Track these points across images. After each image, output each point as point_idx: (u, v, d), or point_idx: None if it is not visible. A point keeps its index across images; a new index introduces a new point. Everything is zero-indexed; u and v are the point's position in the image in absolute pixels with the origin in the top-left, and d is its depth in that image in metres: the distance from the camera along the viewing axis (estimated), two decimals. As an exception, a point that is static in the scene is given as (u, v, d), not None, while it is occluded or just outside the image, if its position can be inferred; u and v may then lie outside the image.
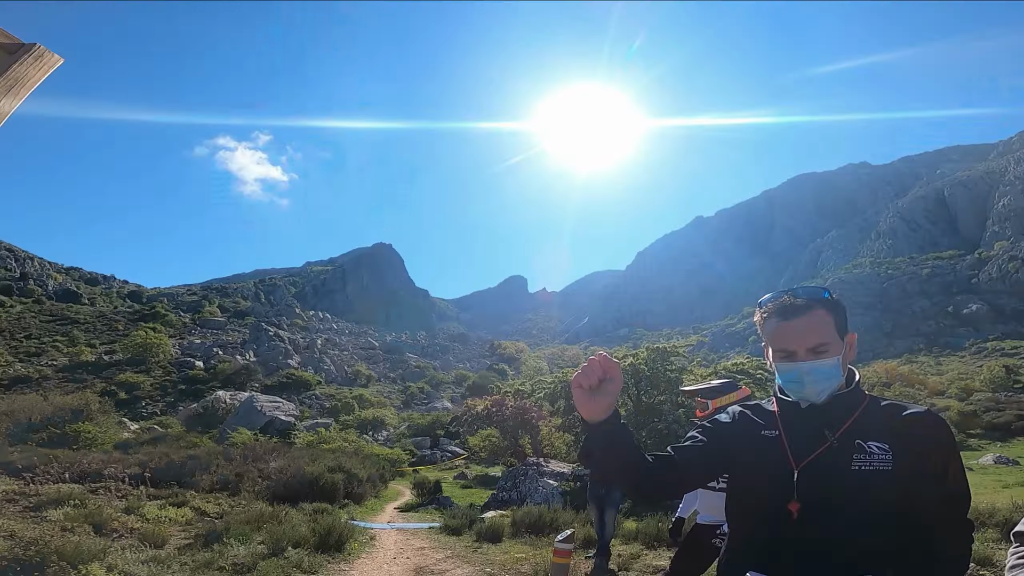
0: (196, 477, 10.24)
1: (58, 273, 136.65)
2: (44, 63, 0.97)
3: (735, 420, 1.44)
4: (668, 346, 17.54)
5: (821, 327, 1.30)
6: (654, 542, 6.96)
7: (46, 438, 24.31)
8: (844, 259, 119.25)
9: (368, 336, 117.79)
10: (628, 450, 1.26)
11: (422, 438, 37.24)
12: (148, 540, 5.61)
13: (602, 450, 1.26)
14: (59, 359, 70.61)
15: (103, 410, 31.43)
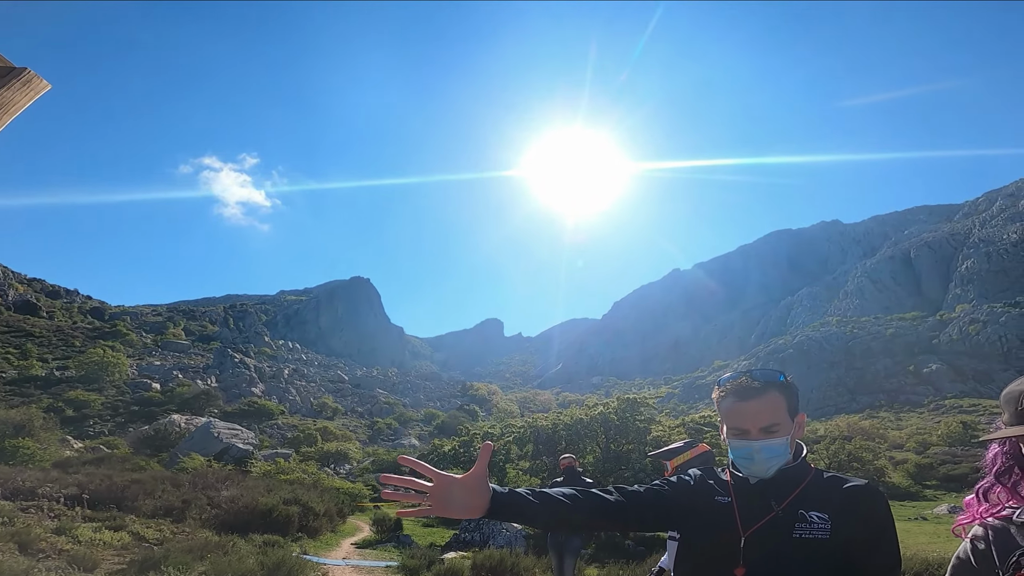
0: (138, 501, 9.55)
1: (20, 284, 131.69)
2: (31, 88, 0.96)
3: (695, 482, 1.54)
4: (638, 396, 17.68)
5: (774, 408, 1.40)
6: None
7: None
8: (813, 317, 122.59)
9: (338, 369, 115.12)
10: (547, 511, 1.32)
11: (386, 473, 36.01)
12: (77, 563, 5.12)
13: (527, 521, 1.34)
14: (8, 371, 67.52)
15: (46, 427, 29.73)
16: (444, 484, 1.25)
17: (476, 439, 22.65)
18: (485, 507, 1.24)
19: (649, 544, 12.16)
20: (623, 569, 7.25)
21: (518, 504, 1.29)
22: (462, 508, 1.24)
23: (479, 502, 1.23)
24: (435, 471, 1.26)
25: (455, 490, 1.24)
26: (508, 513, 1.28)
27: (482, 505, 1.24)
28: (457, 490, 1.24)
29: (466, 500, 1.23)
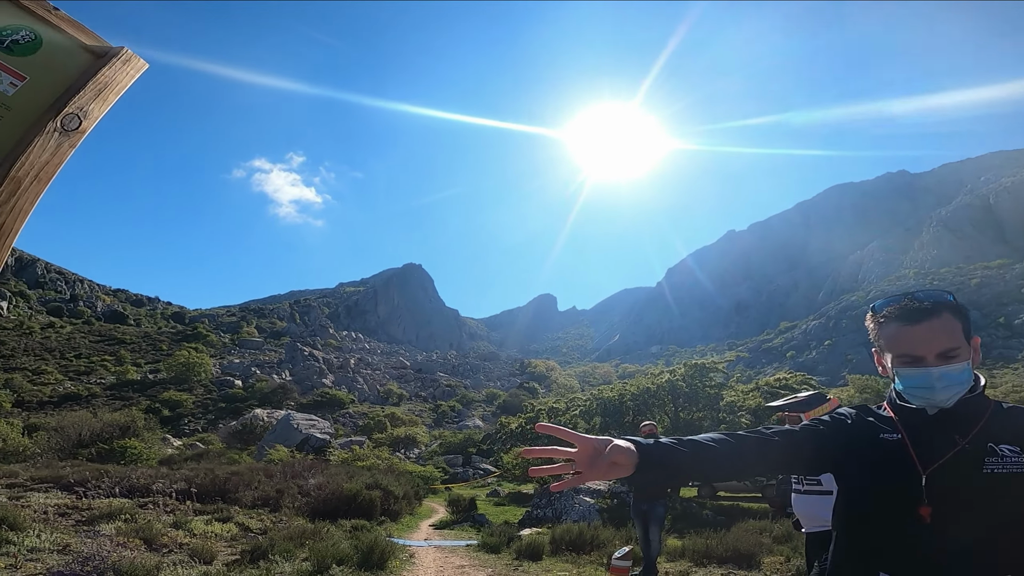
0: (239, 493, 10.42)
1: (106, 295, 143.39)
2: (131, 67, 0.96)
3: (853, 420, 1.40)
4: (706, 362, 17.12)
5: (950, 331, 1.27)
6: (703, 559, 6.73)
7: (95, 453, 25.19)
8: (887, 271, 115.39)
9: (399, 355, 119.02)
10: (699, 458, 1.23)
11: (454, 456, 37.13)
12: (197, 556, 5.71)
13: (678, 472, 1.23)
14: (107, 377, 73.54)
15: (148, 427, 32.47)
16: (588, 447, 1.16)
17: (541, 415, 22.69)
18: (634, 462, 1.14)
19: (729, 514, 12.03)
20: (710, 539, 7.25)
21: (668, 455, 1.19)
22: (611, 468, 1.13)
23: (627, 459, 1.13)
24: (576, 435, 1.18)
25: (600, 450, 1.15)
26: (658, 465, 1.17)
27: (631, 461, 1.14)
28: (603, 450, 1.15)
29: (615, 458, 1.13)
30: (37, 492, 9.58)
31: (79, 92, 0.82)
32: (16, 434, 27.50)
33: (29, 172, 0.79)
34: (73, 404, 55.12)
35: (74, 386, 65.91)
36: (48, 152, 0.81)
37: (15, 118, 0.79)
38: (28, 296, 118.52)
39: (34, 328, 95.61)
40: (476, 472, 32.33)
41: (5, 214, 0.78)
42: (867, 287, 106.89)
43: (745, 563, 6.40)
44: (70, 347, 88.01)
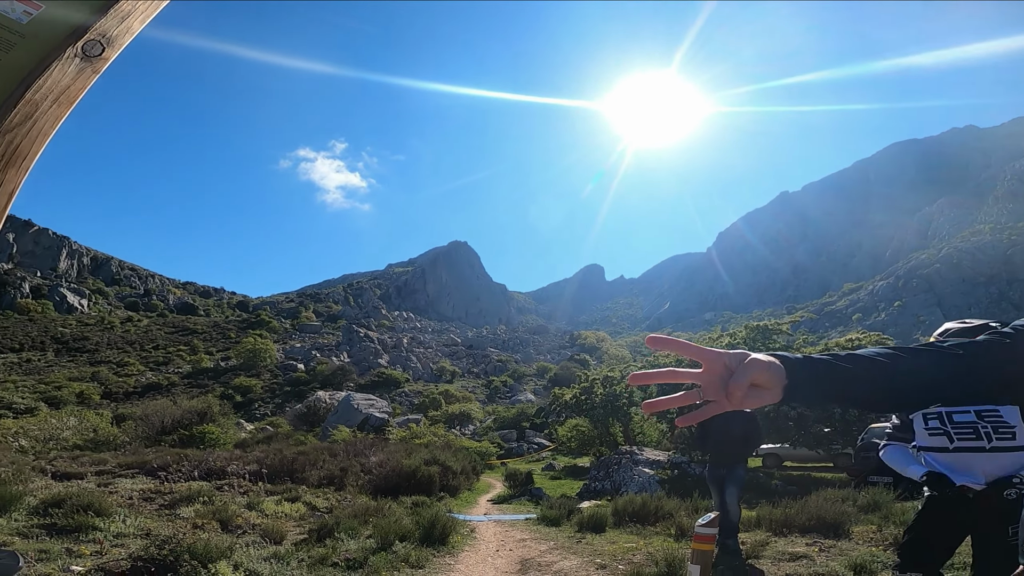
0: (306, 472, 10.89)
1: (176, 288, 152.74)
2: None
3: None
4: (768, 324, 16.30)
5: None
6: (782, 528, 6.44)
7: (177, 439, 27.06)
8: (958, 227, 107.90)
9: (450, 333, 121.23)
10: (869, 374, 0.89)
11: (508, 431, 37.70)
12: (268, 536, 5.96)
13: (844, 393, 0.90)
14: (183, 367, 78.67)
15: (223, 412, 34.64)
16: (718, 364, 0.85)
17: (596, 384, 22.28)
18: (781, 383, 0.84)
19: (800, 484, 11.57)
20: (784, 508, 6.93)
21: (826, 372, 0.87)
22: (752, 394, 0.83)
23: (772, 378, 0.83)
24: (699, 348, 0.86)
25: (733, 368, 0.84)
26: (813, 385, 0.86)
27: (777, 382, 0.83)
28: (736, 367, 0.84)
29: (756, 378, 0.82)
30: (124, 478, 10.32)
31: (101, 18, 0.82)
32: (106, 424, 29.87)
33: (48, 95, 0.80)
34: (155, 393, 59.39)
35: (155, 376, 70.94)
36: (68, 77, 0.82)
37: (31, 44, 0.79)
38: (106, 293, 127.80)
39: (114, 323, 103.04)
40: (531, 446, 32.73)
41: (22, 136, 0.79)
42: (938, 244, 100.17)
43: (832, 532, 6.07)
44: (148, 339, 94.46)
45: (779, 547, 5.78)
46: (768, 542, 6.00)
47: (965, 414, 2.67)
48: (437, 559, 5.75)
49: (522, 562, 5.91)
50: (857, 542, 5.75)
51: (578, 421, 23.42)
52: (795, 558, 5.25)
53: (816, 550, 5.53)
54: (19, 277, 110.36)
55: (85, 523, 5.49)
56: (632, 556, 5.82)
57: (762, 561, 5.37)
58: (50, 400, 53.63)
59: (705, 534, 3.64)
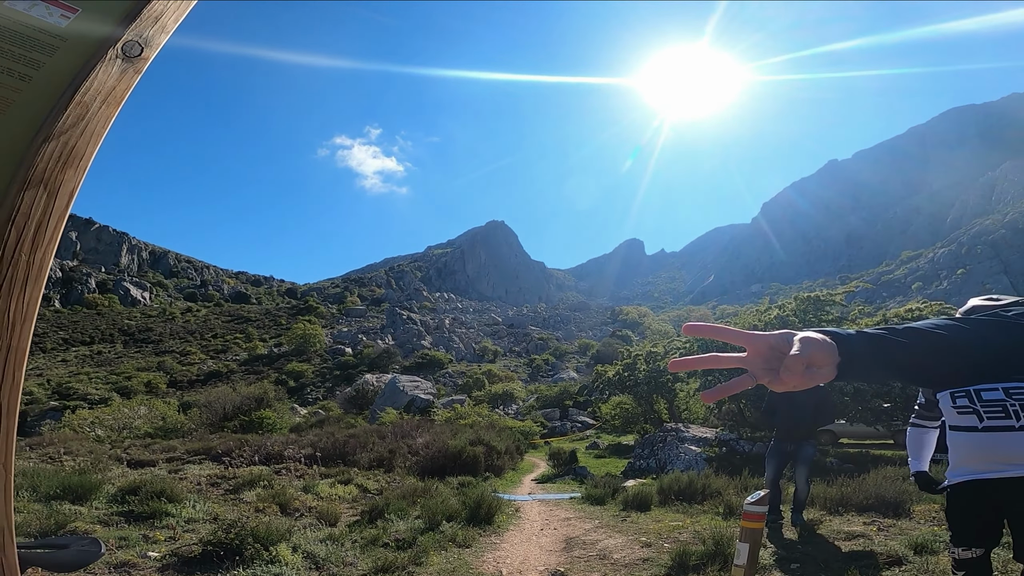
0: (356, 455, 11.35)
1: (229, 278, 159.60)
2: None
3: None
4: (822, 294, 15.62)
5: None
6: (837, 507, 6.29)
7: (238, 425, 28.56)
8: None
9: (491, 312, 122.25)
10: (931, 348, 0.85)
11: (551, 409, 37.99)
12: (324, 518, 6.29)
13: (903, 366, 0.85)
14: (240, 354, 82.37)
15: (278, 397, 36.32)
16: (762, 347, 0.82)
17: (639, 360, 21.89)
18: (834, 361, 0.80)
19: (857, 461, 11.21)
20: (840, 486, 6.78)
21: (882, 349, 0.83)
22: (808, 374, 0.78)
23: (826, 357, 0.79)
24: (741, 332, 0.83)
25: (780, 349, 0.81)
26: (871, 359, 0.82)
27: (830, 360, 0.79)
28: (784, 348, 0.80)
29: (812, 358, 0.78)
30: (192, 464, 11.03)
31: (135, 20, 0.85)
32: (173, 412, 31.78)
33: (96, 97, 0.83)
34: (216, 380, 62.54)
35: (215, 364, 74.68)
36: (113, 78, 0.85)
37: (73, 48, 0.82)
38: (166, 285, 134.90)
39: (175, 314, 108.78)
40: (574, 425, 32.91)
41: (76, 137, 0.82)
42: (1003, 209, 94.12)
43: (892, 511, 5.90)
44: (207, 328, 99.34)
45: (834, 526, 5.65)
46: (823, 521, 5.88)
47: (993, 391, 2.54)
48: (483, 538, 5.91)
49: (566, 540, 5.99)
50: (918, 521, 5.56)
51: (622, 399, 23.27)
52: (851, 537, 5.12)
53: (875, 529, 5.39)
54: (85, 273, 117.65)
55: (159, 509, 5.90)
56: (678, 534, 5.80)
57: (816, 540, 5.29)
58: (121, 390, 57.40)
59: (754, 512, 3.59)
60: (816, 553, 4.75)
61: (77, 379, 63.68)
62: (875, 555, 4.47)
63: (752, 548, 3.54)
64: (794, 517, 5.79)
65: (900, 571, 4.09)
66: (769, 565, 4.53)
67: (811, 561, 4.55)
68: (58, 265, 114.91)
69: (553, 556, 5.39)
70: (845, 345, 0.82)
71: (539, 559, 5.27)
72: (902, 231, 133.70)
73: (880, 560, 4.33)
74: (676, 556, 4.66)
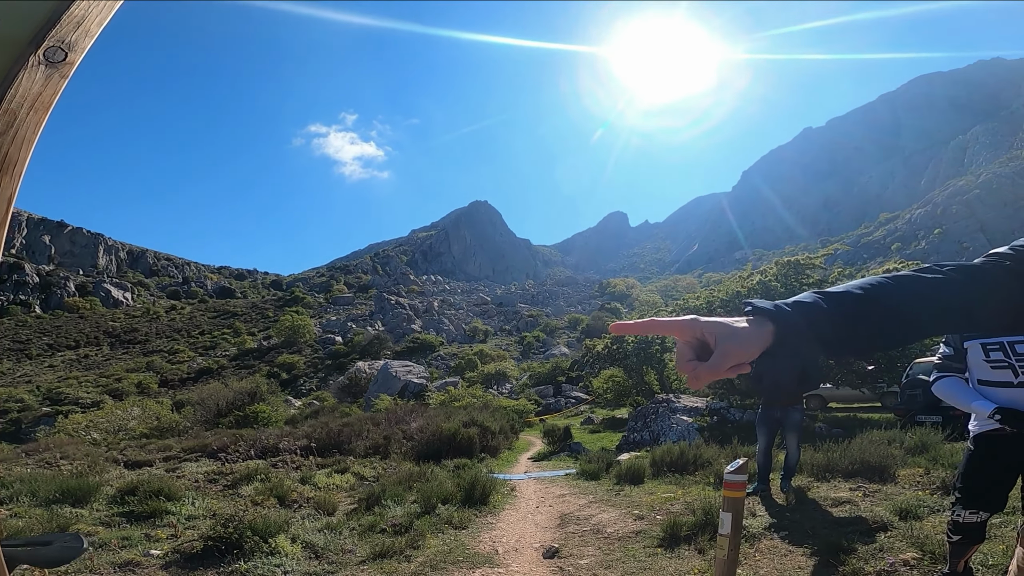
0: (352, 443, 11.46)
1: (212, 274, 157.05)
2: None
3: None
4: (800, 259, 15.82)
5: None
6: (824, 473, 6.37)
7: (233, 420, 28.47)
8: (996, 154, 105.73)
9: (479, 292, 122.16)
10: (869, 310, 0.82)
11: (544, 387, 38.35)
12: (321, 508, 6.38)
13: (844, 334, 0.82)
14: (230, 349, 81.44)
15: (271, 391, 36.20)
16: (693, 334, 0.82)
17: None
18: (769, 329, 0.80)
19: (845, 426, 11.43)
20: (825, 452, 6.76)
21: (817, 312, 0.81)
22: (741, 342, 0.79)
23: (751, 350, 0.79)
24: (664, 323, 0.84)
25: (711, 338, 0.81)
26: (808, 328, 0.80)
27: (765, 333, 0.80)
28: (714, 338, 0.80)
29: (727, 351, 0.79)
30: (189, 462, 11.05)
31: (56, 25, 0.86)
32: (166, 411, 31.55)
33: (23, 103, 0.84)
34: (207, 377, 61.86)
35: (205, 361, 73.86)
36: (38, 84, 0.85)
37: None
38: (147, 284, 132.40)
39: (160, 313, 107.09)
40: (568, 401, 33.35)
41: (8, 143, 0.84)
42: (976, 171, 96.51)
43: (877, 476, 6.01)
44: (193, 325, 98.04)
45: (821, 492, 5.78)
46: (810, 487, 5.99)
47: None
48: (479, 519, 6.04)
49: (561, 517, 6.12)
50: (903, 486, 5.68)
51: (612, 372, 23.64)
52: (838, 503, 5.25)
53: (860, 495, 5.50)
54: (63, 277, 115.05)
55: (159, 508, 5.95)
56: (670, 506, 5.94)
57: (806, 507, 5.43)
58: (113, 392, 56.68)
59: (734, 481, 3.67)
60: (804, 520, 4.89)
61: (67, 384, 62.76)
62: (863, 521, 4.58)
63: (735, 517, 3.62)
64: (783, 484, 5.89)
65: (886, 536, 4.19)
66: (758, 533, 4.64)
67: (799, 529, 4.68)
68: (34, 270, 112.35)
69: (548, 533, 5.54)
70: (781, 317, 0.81)
71: (534, 536, 5.42)
72: (878, 195, 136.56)
73: (867, 526, 4.45)
74: (667, 527, 4.79)
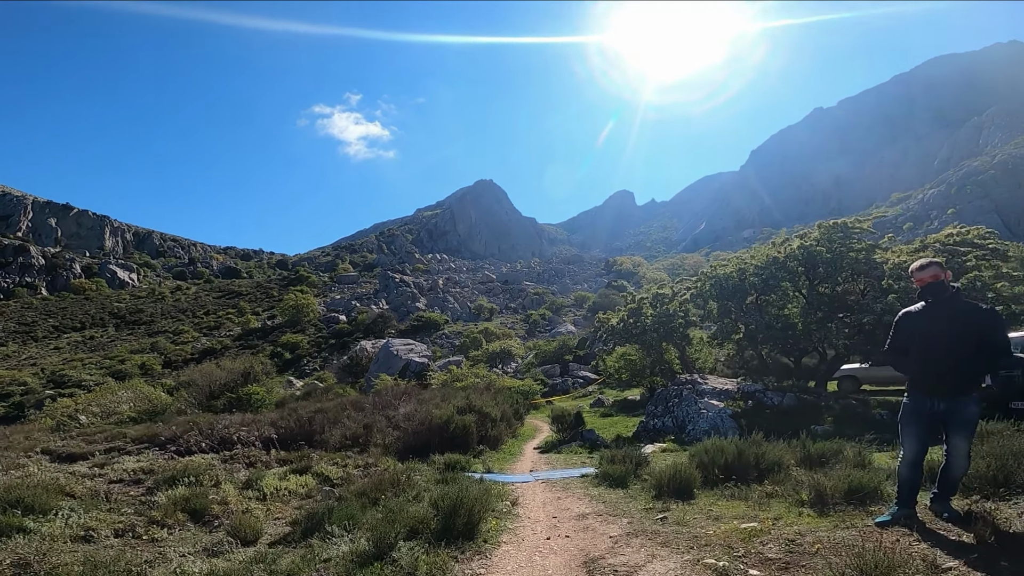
0: (325, 433, 9.64)
1: (218, 254, 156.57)
2: None
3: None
4: (849, 221, 13.82)
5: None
6: (992, 487, 4.13)
7: (225, 403, 26.80)
8: (1011, 135, 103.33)
9: (485, 270, 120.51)
10: None
11: (551, 366, 36.56)
12: (238, 534, 4.52)
13: None
14: (234, 329, 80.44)
15: (266, 371, 34.57)
16: None
17: (645, 305, 19.95)
18: None
19: None
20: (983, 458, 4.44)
21: None
22: None
23: None
24: None
25: None
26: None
27: None
28: None
29: None
30: (131, 455, 9.30)
31: None
32: (159, 394, 30.28)
33: None
34: (211, 358, 60.47)
35: (209, 341, 72.82)
36: None
37: None
38: (153, 265, 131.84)
39: (164, 293, 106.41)
40: (576, 381, 31.46)
41: None
42: (991, 151, 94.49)
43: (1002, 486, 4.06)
44: (198, 305, 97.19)
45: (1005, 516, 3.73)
46: (991, 511, 3.76)
47: None
48: (461, 566, 4.02)
49: (586, 563, 4.06)
50: None
51: (626, 349, 21.55)
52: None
53: None
54: (68, 259, 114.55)
55: (10, 524, 4.24)
56: (761, 546, 3.80)
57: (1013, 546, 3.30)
58: (116, 374, 55.62)
59: None
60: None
61: (71, 366, 61.96)
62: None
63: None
64: (940, 506, 3.86)
65: None
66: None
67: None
68: (40, 252, 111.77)
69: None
70: None
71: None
72: (891, 175, 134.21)
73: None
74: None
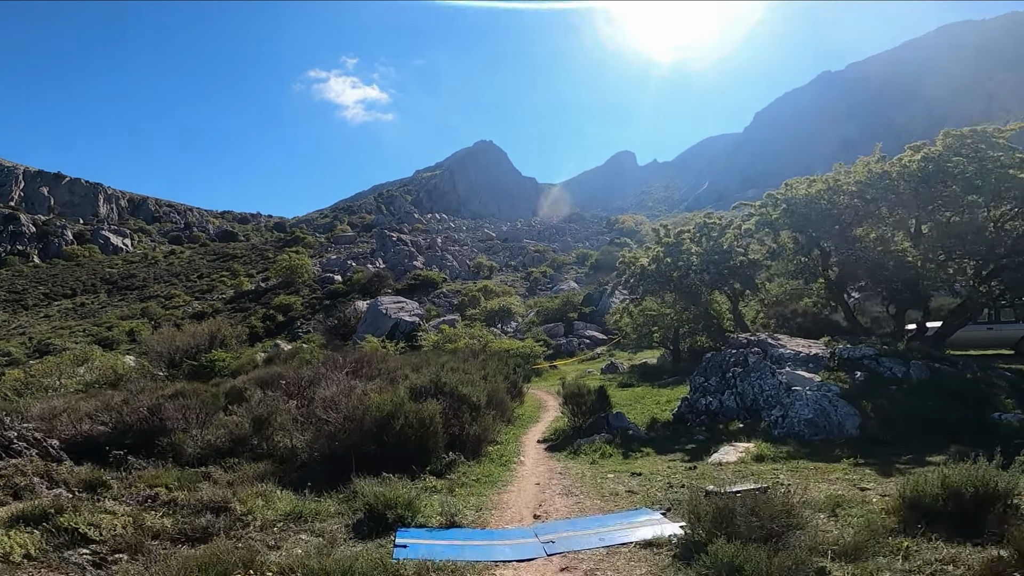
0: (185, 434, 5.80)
1: (215, 218, 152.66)
2: None
3: None
4: (990, 129, 9.82)
5: None
6: None
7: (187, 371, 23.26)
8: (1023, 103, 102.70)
9: (485, 229, 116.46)
10: None
11: (554, 324, 32.82)
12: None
13: None
14: (226, 292, 77.25)
15: (236, 335, 30.98)
16: None
17: (686, 240, 14.67)
18: None
19: None
20: None
21: None
22: None
23: None
24: None
25: None
26: None
27: None
28: None
29: None
30: None
31: None
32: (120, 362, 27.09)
33: None
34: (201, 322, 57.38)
35: (200, 305, 69.64)
36: None
37: None
38: (148, 231, 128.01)
39: (158, 257, 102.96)
40: (582, 342, 27.60)
41: None
42: (1005, 116, 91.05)
43: None
44: (192, 269, 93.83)
45: None
46: None
47: None
48: None
49: None
50: None
51: (647, 303, 16.95)
52: None
53: None
54: (60, 225, 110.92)
55: None
56: None
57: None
58: (103, 341, 52.59)
59: None
60: None
61: (58, 334, 59.10)
62: None
63: None
64: None
65: None
66: None
67: None
68: (31, 220, 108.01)
69: None
70: None
71: None
72: (898, 138, 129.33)
73: None
74: None
